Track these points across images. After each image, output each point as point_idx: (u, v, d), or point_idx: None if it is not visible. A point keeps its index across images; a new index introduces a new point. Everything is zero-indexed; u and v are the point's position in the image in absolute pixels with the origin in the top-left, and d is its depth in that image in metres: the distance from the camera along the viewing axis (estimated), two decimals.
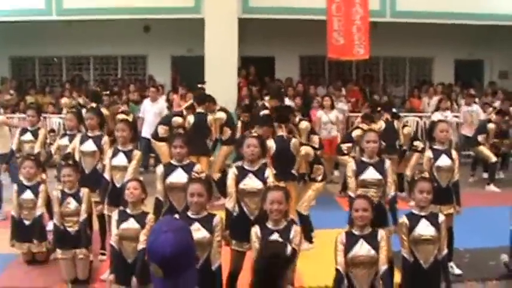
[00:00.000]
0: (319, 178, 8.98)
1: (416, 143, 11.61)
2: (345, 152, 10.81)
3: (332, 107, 13.76)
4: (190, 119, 10.89)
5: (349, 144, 10.85)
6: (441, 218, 6.20)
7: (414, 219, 6.14)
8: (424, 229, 6.08)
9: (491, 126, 13.34)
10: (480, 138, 13.27)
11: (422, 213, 6.15)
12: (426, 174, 6.41)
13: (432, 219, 6.14)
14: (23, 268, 8.05)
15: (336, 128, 13.55)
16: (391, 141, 11.15)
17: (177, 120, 10.94)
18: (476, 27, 17.45)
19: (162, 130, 10.87)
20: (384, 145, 10.93)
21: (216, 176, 10.84)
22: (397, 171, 11.12)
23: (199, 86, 12.93)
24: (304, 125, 9.95)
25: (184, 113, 11.28)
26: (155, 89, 14.75)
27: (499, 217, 9.65)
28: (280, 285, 4.24)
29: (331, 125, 13.45)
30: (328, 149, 12.95)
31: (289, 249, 4.56)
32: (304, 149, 8.81)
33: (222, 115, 11.39)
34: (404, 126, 11.90)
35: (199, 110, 11.05)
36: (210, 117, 11.00)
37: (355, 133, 10.94)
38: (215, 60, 14.46)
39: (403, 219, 6.20)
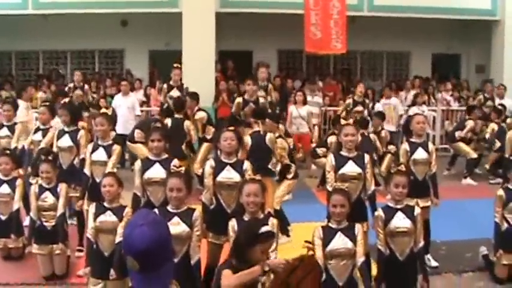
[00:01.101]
0: (290, 176, 9.19)
1: (390, 146, 11.90)
2: (320, 155, 10.88)
3: (304, 102, 13.54)
4: (168, 122, 10.91)
5: (324, 149, 10.95)
6: (417, 210, 6.27)
7: (390, 212, 6.20)
8: (400, 222, 6.13)
9: (470, 123, 13.42)
10: (458, 134, 13.35)
11: (398, 206, 6.22)
12: (403, 168, 6.46)
13: (408, 211, 6.20)
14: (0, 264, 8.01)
15: (306, 124, 13.27)
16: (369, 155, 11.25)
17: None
18: (454, 21, 17.60)
19: (138, 134, 10.85)
20: None
21: (199, 171, 10.82)
22: None
23: (174, 65, 12.82)
24: (279, 141, 9.84)
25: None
26: (127, 83, 14.68)
27: (475, 210, 9.80)
28: (249, 256, 4.53)
29: (301, 120, 13.20)
30: (296, 144, 12.82)
31: (264, 228, 4.67)
32: (281, 142, 9.08)
33: (203, 114, 11.60)
34: (381, 129, 12.17)
35: (176, 115, 11.07)
36: (187, 123, 11.01)
37: (330, 139, 11.13)
38: (193, 54, 14.44)
39: (379, 212, 6.27)
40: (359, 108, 12.72)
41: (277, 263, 4.72)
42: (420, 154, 7.89)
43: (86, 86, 14.34)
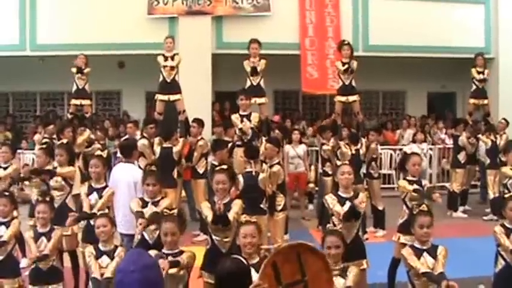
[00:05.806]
0: (279, 208, 9.40)
1: (372, 170, 12.05)
2: (329, 173, 11.57)
3: (300, 141, 13.55)
4: (157, 151, 11.02)
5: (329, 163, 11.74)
6: (439, 249, 6.15)
7: (417, 253, 6.12)
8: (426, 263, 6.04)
9: (463, 139, 13.52)
10: (461, 157, 13.39)
11: (424, 247, 6.14)
12: (425, 208, 6.38)
13: (432, 252, 6.12)
14: None
15: (303, 164, 13.23)
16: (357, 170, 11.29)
17: None
18: (448, 60, 17.69)
19: None
20: None
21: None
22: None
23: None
24: (277, 168, 9.79)
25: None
26: (132, 125, 14.09)
27: (472, 247, 9.75)
28: None
29: (298, 159, 13.14)
30: (292, 184, 12.73)
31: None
32: (278, 169, 9.43)
33: (205, 143, 11.85)
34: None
35: (165, 144, 11.13)
36: (175, 150, 11.09)
37: (324, 148, 12.17)
38: (189, 95, 14.47)
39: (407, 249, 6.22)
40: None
41: None
42: None
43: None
